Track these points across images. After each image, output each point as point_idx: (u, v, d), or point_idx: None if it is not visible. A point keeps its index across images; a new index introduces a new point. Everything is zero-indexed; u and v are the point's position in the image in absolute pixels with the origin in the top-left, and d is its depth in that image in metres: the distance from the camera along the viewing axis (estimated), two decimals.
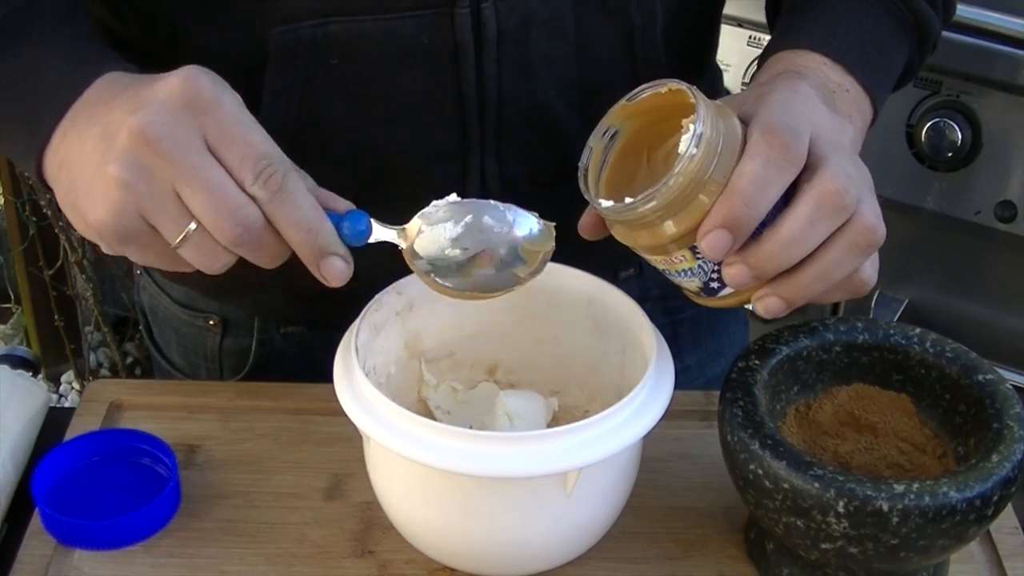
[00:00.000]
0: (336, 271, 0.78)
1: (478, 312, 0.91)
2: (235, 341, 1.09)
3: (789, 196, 0.77)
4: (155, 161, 0.73)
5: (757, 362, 0.84)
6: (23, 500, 0.90)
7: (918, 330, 0.86)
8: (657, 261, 0.81)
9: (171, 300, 1.11)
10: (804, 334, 0.86)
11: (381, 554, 0.86)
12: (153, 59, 0.85)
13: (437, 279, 0.80)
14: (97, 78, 0.79)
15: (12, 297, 2.64)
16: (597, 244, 0.83)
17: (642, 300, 0.88)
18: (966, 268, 1.77)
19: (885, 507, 0.73)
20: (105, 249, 0.78)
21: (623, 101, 0.81)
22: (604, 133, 0.82)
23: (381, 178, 0.94)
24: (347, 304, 0.85)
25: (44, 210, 2.32)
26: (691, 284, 0.82)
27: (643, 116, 0.82)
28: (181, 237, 0.75)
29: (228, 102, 0.75)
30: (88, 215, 0.76)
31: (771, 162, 0.75)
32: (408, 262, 0.81)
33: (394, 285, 0.87)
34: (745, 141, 0.76)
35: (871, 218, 0.77)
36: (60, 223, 2.32)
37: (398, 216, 0.81)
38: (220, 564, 0.85)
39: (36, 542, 0.86)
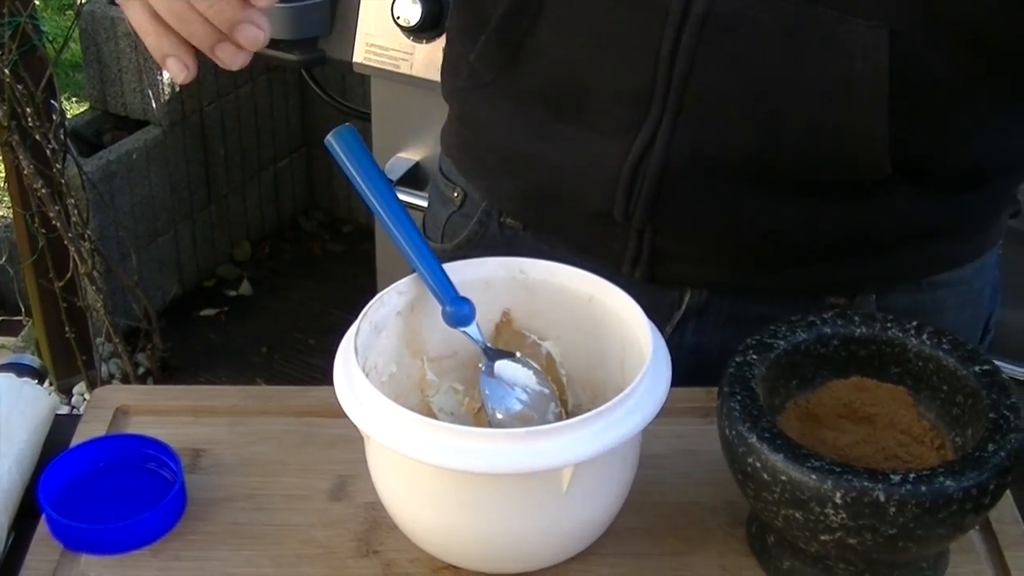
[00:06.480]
0: (251, 35, 0.80)
1: (480, 312, 0.91)
2: (464, 216, 1.16)
3: None
4: None
5: (755, 357, 0.84)
6: (30, 507, 0.90)
7: (915, 323, 0.87)
8: None
9: (440, 170, 1.20)
10: (802, 328, 0.87)
11: (386, 554, 0.86)
12: None
13: (489, 404, 0.88)
14: None
15: (22, 309, 2.65)
16: None
17: None
18: None
19: (882, 497, 0.73)
20: None
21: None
22: None
23: (572, 101, 0.98)
24: (550, 209, 1.02)
25: (53, 222, 2.33)
26: None
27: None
28: None
29: None
30: None
31: None
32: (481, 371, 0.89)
33: (395, 285, 0.88)
34: None
35: None
36: (69, 234, 2.33)
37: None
38: (226, 566, 0.86)
39: (43, 548, 0.87)
